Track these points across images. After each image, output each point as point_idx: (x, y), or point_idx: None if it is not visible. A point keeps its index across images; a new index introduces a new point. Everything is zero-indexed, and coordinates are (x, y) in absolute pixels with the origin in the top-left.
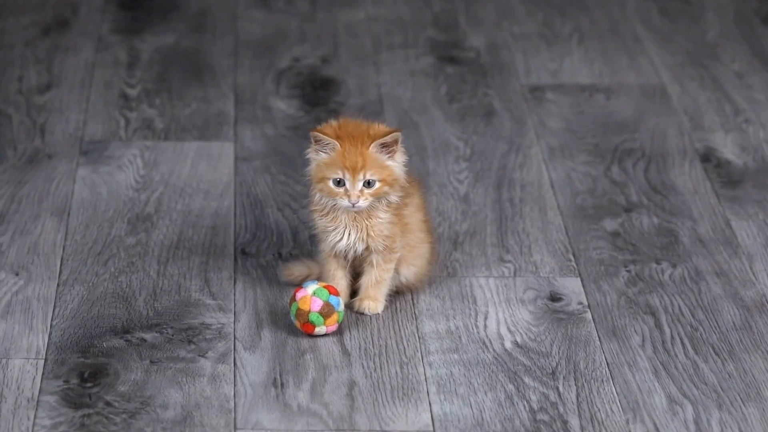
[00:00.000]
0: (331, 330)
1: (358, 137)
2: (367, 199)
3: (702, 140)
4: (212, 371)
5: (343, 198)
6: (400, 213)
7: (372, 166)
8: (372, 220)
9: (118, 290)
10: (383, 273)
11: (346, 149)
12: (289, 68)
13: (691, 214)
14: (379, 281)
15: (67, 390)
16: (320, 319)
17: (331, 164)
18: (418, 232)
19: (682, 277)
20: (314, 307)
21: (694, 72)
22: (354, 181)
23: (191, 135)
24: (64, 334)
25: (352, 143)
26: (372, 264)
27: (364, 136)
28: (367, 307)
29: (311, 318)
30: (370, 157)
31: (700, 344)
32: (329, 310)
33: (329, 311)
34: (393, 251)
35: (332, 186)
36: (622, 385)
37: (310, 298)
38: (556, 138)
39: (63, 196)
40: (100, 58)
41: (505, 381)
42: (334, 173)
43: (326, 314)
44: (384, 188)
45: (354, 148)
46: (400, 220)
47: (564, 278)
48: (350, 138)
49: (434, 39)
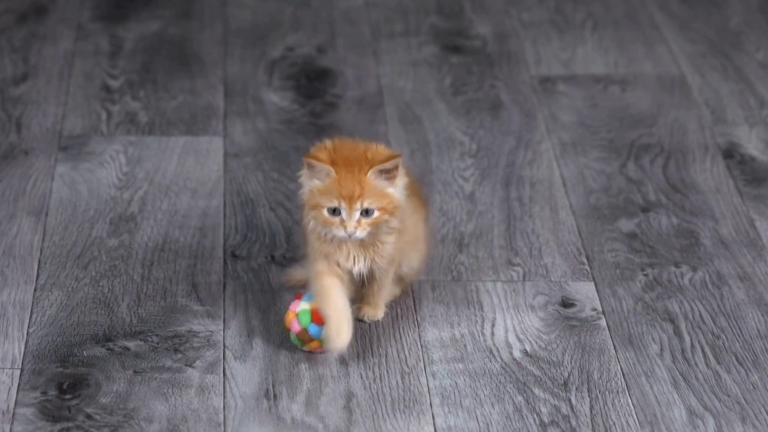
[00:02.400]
0: (319, 352)
1: (354, 162)
2: (365, 229)
3: (724, 135)
4: (200, 382)
5: (338, 228)
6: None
7: (370, 194)
8: (377, 246)
9: (99, 295)
10: (384, 280)
11: (342, 176)
12: (282, 58)
13: (712, 213)
14: (381, 287)
15: (45, 402)
16: (299, 342)
17: (326, 192)
18: (414, 228)
19: (703, 282)
20: (293, 328)
21: (716, 62)
22: (351, 210)
23: (178, 129)
24: (41, 342)
25: (349, 169)
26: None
27: (361, 161)
28: (366, 314)
29: (291, 337)
30: (369, 184)
31: (723, 353)
32: (306, 337)
33: (306, 338)
34: (392, 266)
35: (327, 215)
36: (639, 397)
37: (293, 318)
38: (568, 133)
39: (40, 195)
40: (80, 47)
41: (513, 392)
42: (329, 202)
43: (303, 340)
44: (383, 216)
45: (350, 175)
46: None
47: (577, 282)
48: (346, 163)
49: (438, 26)
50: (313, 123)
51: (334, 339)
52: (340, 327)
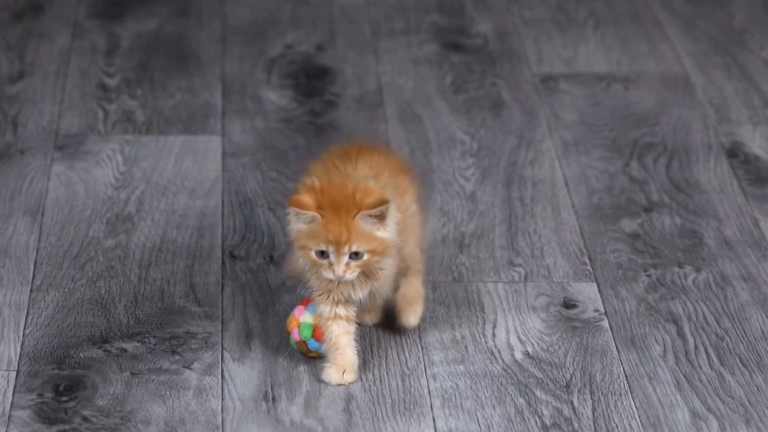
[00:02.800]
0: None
1: (342, 206)
2: (354, 271)
3: (728, 134)
4: (198, 384)
5: (327, 270)
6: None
7: (358, 238)
8: (376, 274)
9: (96, 296)
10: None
11: (328, 220)
12: (281, 56)
13: (716, 213)
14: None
15: (41, 404)
16: (297, 348)
17: (313, 235)
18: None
19: (707, 283)
20: (293, 336)
21: (720, 60)
22: (339, 255)
23: (175, 128)
24: (37, 343)
25: (336, 213)
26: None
27: (349, 204)
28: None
29: (290, 342)
30: (356, 228)
31: (727, 355)
32: (305, 348)
33: (305, 349)
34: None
35: (315, 257)
36: (642, 399)
37: (295, 326)
38: (571, 132)
39: (36, 195)
40: (77, 45)
41: (515, 394)
42: (316, 245)
43: (302, 349)
44: (373, 258)
45: (338, 219)
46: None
47: (579, 283)
48: (333, 206)
49: (438, 24)
50: (312, 122)
51: (325, 373)
52: (332, 365)
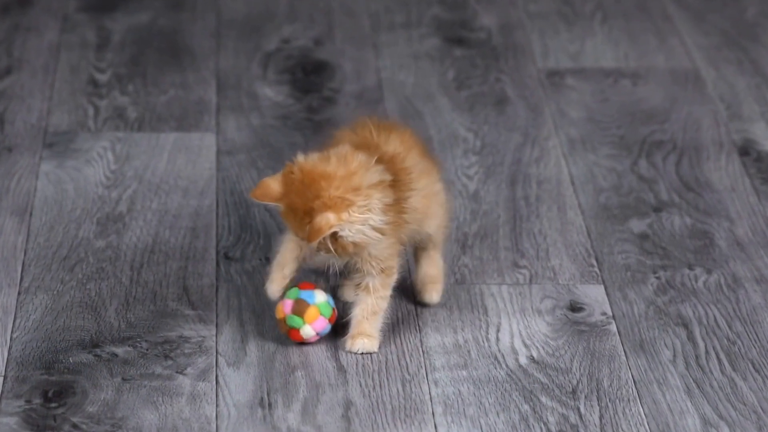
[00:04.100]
0: (320, 328)
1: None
2: (328, 251)
3: (740, 131)
4: (192, 390)
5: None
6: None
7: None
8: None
9: (86, 299)
10: (380, 302)
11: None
12: (277, 51)
13: (728, 213)
14: (375, 312)
15: (30, 411)
16: (298, 320)
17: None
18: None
19: (718, 285)
20: (286, 309)
21: (732, 55)
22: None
23: (168, 125)
24: (25, 348)
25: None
26: (368, 290)
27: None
28: (362, 345)
29: (289, 322)
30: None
31: (738, 360)
32: (301, 306)
33: (302, 307)
34: (391, 274)
35: None
36: (651, 406)
37: (281, 303)
38: (577, 129)
39: (24, 194)
40: (66, 40)
41: (519, 401)
42: None
43: (301, 311)
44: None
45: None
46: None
47: (586, 286)
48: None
49: (440, 18)
50: (309, 118)
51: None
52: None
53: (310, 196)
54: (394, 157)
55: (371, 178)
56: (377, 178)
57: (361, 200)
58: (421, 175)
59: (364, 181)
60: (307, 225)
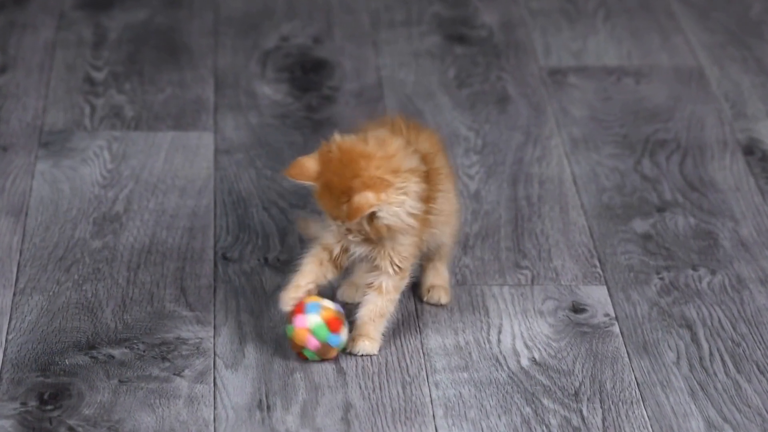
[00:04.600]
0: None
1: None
2: (357, 236)
3: (745, 130)
4: (189, 392)
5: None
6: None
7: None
8: (394, 248)
9: (82, 300)
10: (389, 304)
11: (321, 194)
12: (276, 49)
13: (732, 213)
14: (383, 314)
15: (25, 413)
16: (315, 356)
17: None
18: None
19: (723, 286)
20: (310, 345)
21: (736, 53)
22: (334, 224)
23: (165, 124)
24: (21, 349)
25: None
26: (380, 290)
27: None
28: (362, 348)
29: (306, 353)
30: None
31: (743, 362)
32: (327, 350)
33: (326, 351)
34: (404, 277)
35: None
36: (654, 408)
37: (307, 335)
38: (580, 128)
39: (20, 194)
40: (62, 37)
41: (521, 403)
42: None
43: (323, 353)
44: (378, 235)
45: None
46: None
47: (588, 287)
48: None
49: (441, 15)
50: (308, 117)
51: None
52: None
53: (348, 175)
54: (426, 155)
55: (410, 162)
56: (415, 164)
57: (400, 182)
58: (447, 179)
59: (403, 164)
60: (343, 204)
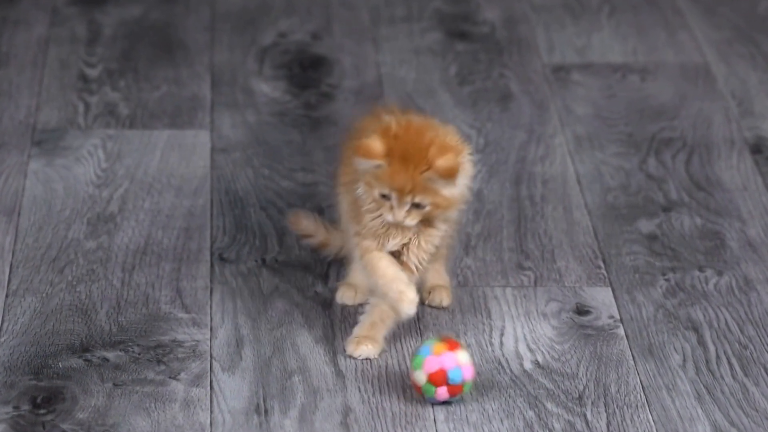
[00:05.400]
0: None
1: (412, 158)
2: (415, 218)
3: (752, 128)
4: (185, 395)
5: (387, 212)
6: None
7: (423, 191)
8: (427, 231)
9: (76, 302)
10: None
11: (395, 170)
12: (274, 45)
13: (739, 213)
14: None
15: (18, 417)
16: (452, 397)
17: (378, 179)
18: None
19: (729, 287)
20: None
21: (744, 49)
22: (401, 202)
23: (161, 122)
24: (13, 352)
25: (404, 164)
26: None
27: (419, 158)
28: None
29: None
30: (422, 183)
31: (750, 364)
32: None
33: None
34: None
35: (377, 197)
36: (660, 412)
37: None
38: (584, 126)
39: (12, 193)
40: (55, 33)
41: (524, 407)
42: (380, 187)
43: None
44: (436, 211)
45: (404, 170)
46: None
47: (592, 288)
48: (403, 157)
49: (442, 11)
50: (307, 115)
51: (401, 305)
52: (402, 291)
53: (423, 143)
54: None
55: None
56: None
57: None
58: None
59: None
60: (422, 172)
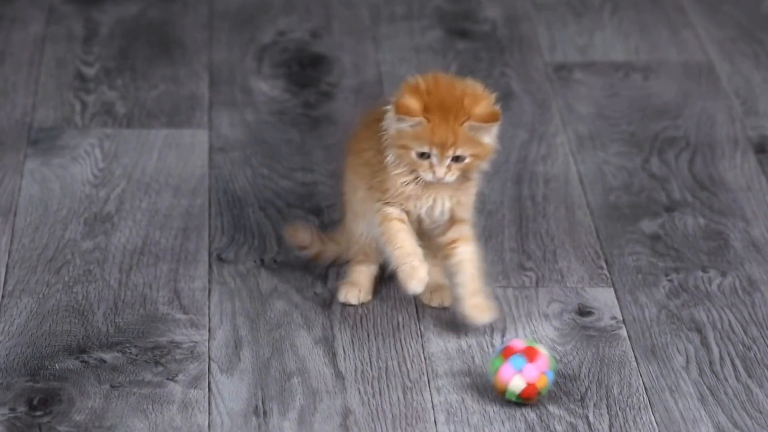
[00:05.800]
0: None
1: (450, 110)
2: (455, 173)
3: (756, 127)
4: (183, 397)
5: (426, 171)
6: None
7: (464, 143)
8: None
9: (72, 303)
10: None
11: (435, 124)
12: (273, 43)
13: (743, 213)
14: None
15: (14, 419)
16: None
17: (417, 137)
18: None
19: (733, 288)
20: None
21: (747, 48)
22: (442, 157)
23: (158, 121)
24: (9, 353)
25: (443, 117)
26: (466, 239)
27: (457, 110)
28: (480, 317)
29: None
30: (463, 134)
31: (754, 366)
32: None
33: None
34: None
35: (415, 157)
36: (663, 414)
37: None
38: (586, 125)
39: (8, 193)
40: (52, 32)
41: (525, 409)
42: (419, 146)
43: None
44: (475, 162)
45: (445, 123)
46: None
47: (595, 289)
48: (441, 110)
49: (443, 9)
50: (306, 114)
51: (411, 281)
52: (415, 268)
53: (456, 96)
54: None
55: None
56: None
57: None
58: None
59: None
60: (462, 124)
